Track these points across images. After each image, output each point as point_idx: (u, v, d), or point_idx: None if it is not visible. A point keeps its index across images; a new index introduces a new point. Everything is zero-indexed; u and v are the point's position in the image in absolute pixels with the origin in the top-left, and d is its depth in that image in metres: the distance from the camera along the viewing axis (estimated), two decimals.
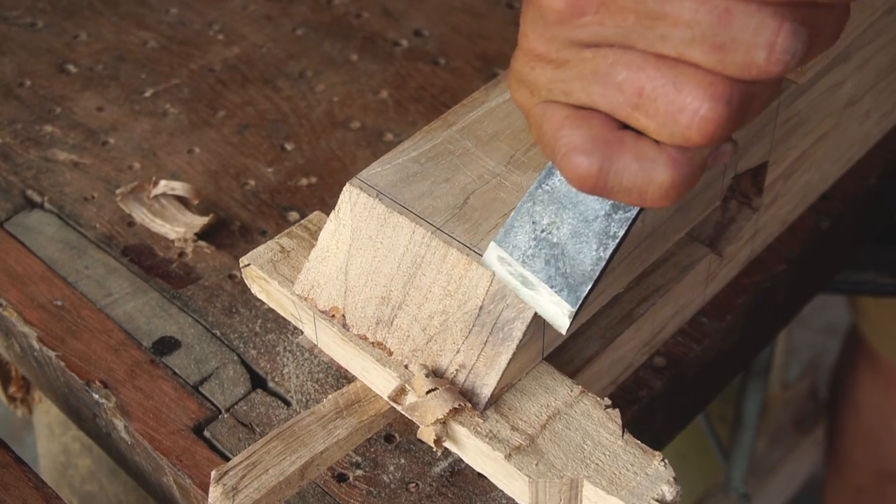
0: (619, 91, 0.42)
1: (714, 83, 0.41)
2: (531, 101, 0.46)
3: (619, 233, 0.48)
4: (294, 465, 0.54)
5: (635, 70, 0.42)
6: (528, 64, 0.45)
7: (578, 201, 0.49)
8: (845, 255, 0.84)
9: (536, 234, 0.49)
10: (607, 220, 0.48)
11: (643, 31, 0.41)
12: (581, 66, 0.43)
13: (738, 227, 0.66)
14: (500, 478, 0.52)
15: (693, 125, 0.41)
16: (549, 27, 0.43)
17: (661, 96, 0.41)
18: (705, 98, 0.41)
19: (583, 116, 0.44)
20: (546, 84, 0.44)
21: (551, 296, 0.49)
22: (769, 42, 0.39)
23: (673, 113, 0.41)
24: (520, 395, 0.53)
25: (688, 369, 0.66)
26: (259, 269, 0.59)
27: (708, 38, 0.40)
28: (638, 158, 0.43)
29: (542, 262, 0.49)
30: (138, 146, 0.81)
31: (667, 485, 0.49)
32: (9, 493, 0.60)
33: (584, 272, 0.49)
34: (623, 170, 0.44)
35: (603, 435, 0.51)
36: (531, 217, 0.50)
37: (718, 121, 0.41)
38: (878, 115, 0.75)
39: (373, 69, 0.87)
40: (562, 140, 0.44)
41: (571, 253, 0.49)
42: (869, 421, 1.34)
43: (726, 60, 0.40)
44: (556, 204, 0.49)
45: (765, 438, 1.60)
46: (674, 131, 0.42)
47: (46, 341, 0.67)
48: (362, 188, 0.55)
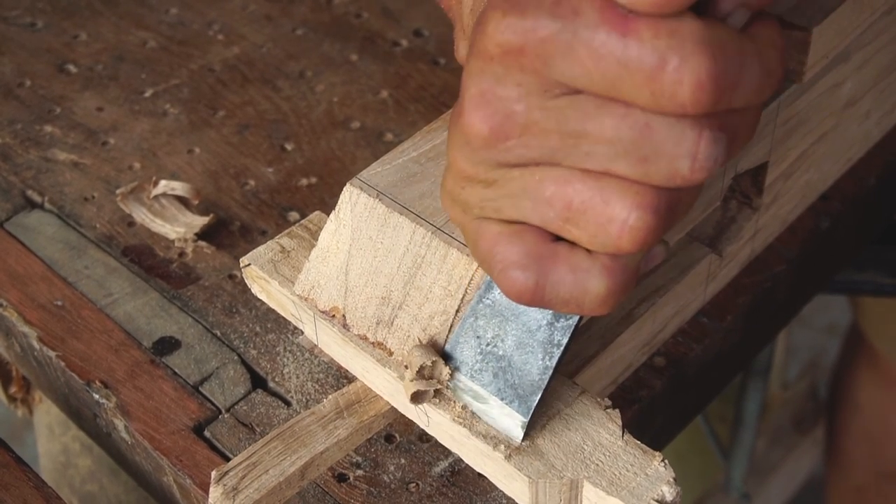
0: (549, 206, 0.43)
1: (640, 192, 0.42)
2: (465, 218, 0.47)
3: (562, 341, 0.49)
4: (294, 465, 0.54)
5: (563, 185, 0.43)
6: (459, 185, 0.46)
7: (520, 312, 0.50)
8: (845, 255, 0.84)
9: (482, 349, 0.50)
10: (550, 329, 0.49)
11: (568, 149, 0.42)
12: (510, 184, 0.44)
13: (739, 226, 0.67)
14: (500, 478, 0.52)
15: (623, 235, 0.42)
16: (476, 151, 0.44)
17: (590, 209, 0.42)
18: (633, 208, 0.42)
19: (516, 232, 0.45)
20: (477, 203, 0.45)
21: (502, 408, 0.50)
22: (691, 152, 0.41)
23: (603, 224, 0.42)
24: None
25: (688, 369, 0.66)
26: (259, 269, 0.59)
27: (631, 152, 0.41)
28: (572, 270, 0.44)
29: (490, 375, 0.50)
30: (138, 146, 0.81)
31: (667, 485, 0.49)
32: (9, 493, 0.60)
33: (533, 382, 0.50)
34: (559, 282, 0.45)
35: (603, 435, 0.51)
36: (475, 332, 0.51)
37: (647, 228, 0.42)
38: (878, 115, 0.75)
39: (373, 69, 0.87)
40: (497, 256, 0.45)
41: (518, 364, 0.50)
42: (869, 420, 1.34)
43: (651, 171, 0.41)
44: (499, 317, 0.50)
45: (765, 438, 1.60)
46: (605, 241, 0.43)
47: (47, 341, 0.67)
48: (362, 188, 0.55)
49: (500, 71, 0.42)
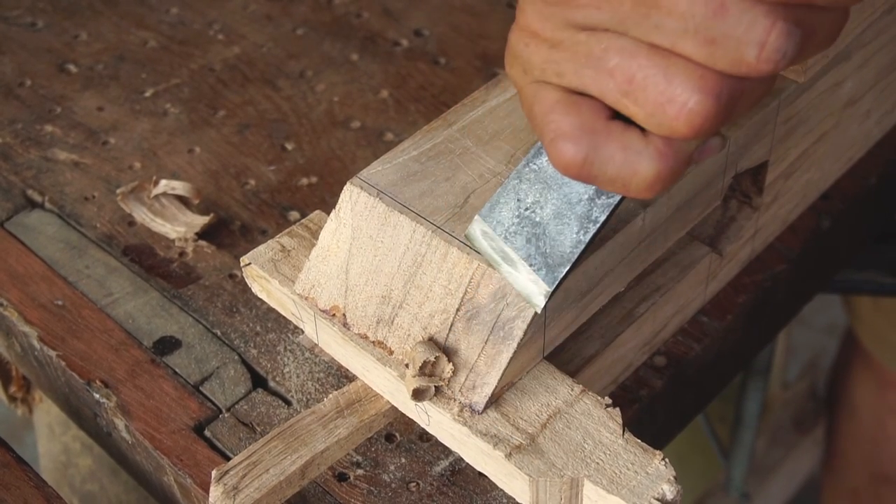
0: (611, 77, 0.42)
1: (704, 76, 0.41)
2: (524, 78, 0.46)
3: (600, 217, 0.49)
4: (295, 464, 0.54)
5: (627, 57, 0.42)
6: (523, 40, 0.45)
7: (564, 183, 0.49)
8: (845, 254, 0.84)
9: (520, 212, 0.50)
10: (590, 204, 0.49)
11: (638, 18, 0.41)
12: (575, 48, 0.43)
13: (739, 226, 0.67)
14: (501, 477, 0.52)
15: (681, 117, 0.41)
16: (547, 6, 0.43)
17: (651, 85, 0.42)
18: (694, 90, 0.41)
19: (573, 102, 0.44)
20: (539, 63, 0.45)
21: (529, 273, 0.50)
22: (760, 40, 0.40)
23: (662, 103, 0.42)
24: (520, 394, 0.53)
25: (688, 369, 0.66)
26: (260, 269, 0.59)
27: (701, 30, 0.40)
28: (624, 149, 0.44)
29: (523, 239, 0.50)
30: (138, 146, 0.81)
31: (667, 484, 0.49)
32: (9, 493, 0.60)
33: (564, 254, 0.49)
34: (608, 160, 0.44)
35: (603, 434, 0.51)
36: (517, 194, 0.50)
37: (706, 114, 0.41)
38: (879, 114, 0.76)
39: (373, 69, 0.87)
40: (550, 125, 0.44)
41: (553, 233, 0.49)
42: (864, 423, 1.34)
43: (717, 55, 0.40)
44: (542, 184, 0.49)
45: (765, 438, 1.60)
46: (661, 121, 0.42)
47: (47, 341, 0.67)
48: (363, 187, 0.55)
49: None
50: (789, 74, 0.61)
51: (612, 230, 0.54)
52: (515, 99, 0.59)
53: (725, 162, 0.59)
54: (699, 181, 0.58)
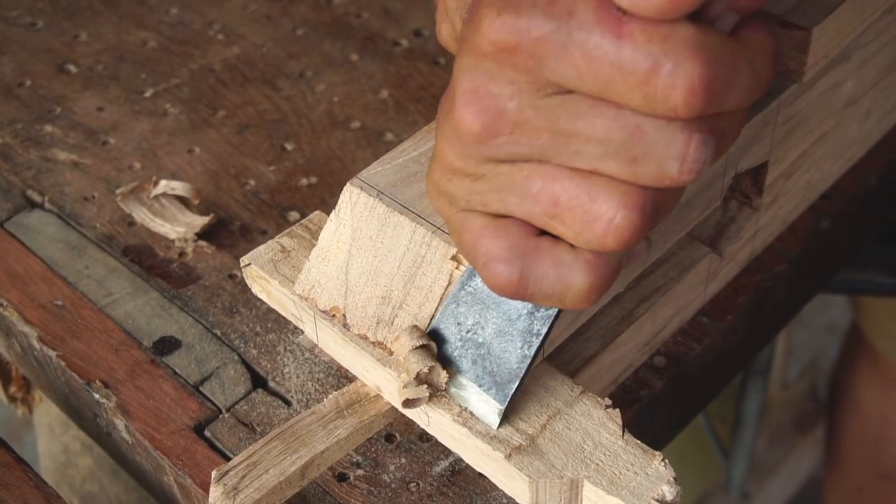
0: (536, 202, 0.44)
1: (627, 192, 0.42)
2: (450, 210, 0.47)
3: (542, 330, 0.49)
4: (294, 464, 0.54)
5: (550, 181, 0.43)
6: (446, 177, 0.46)
7: (501, 301, 0.50)
8: (846, 254, 0.84)
9: (462, 335, 0.51)
10: (530, 319, 0.50)
11: (557, 147, 0.42)
12: (497, 179, 0.44)
13: (739, 226, 0.66)
14: (501, 478, 0.52)
15: (608, 233, 0.43)
16: (466, 146, 0.44)
17: (577, 206, 0.43)
18: (619, 207, 0.42)
19: (501, 225, 0.45)
20: (464, 196, 0.46)
21: (479, 394, 0.51)
22: (681, 155, 0.41)
23: (588, 222, 0.43)
24: (520, 395, 0.53)
25: (688, 369, 0.66)
26: (260, 269, 0.59)
27: (621, 152, 0.41)
28: (556, 265, 0.45)
29: (469, 362, 0.51)
30: (138, 146, 0.81)
31: (667, 485, 0.49)
32: (10, 493, 0.60)
33: (511, 370, 0.50)
34: (542, 277, 0.45)
35: (603, 435, 0.51)
36: (456, 318, 0.51)
37: (633, 227, 0.43)
38: (879, 114, 0.75)
39: (373, 69, 0.87)
40: (481, 249, 0.46)
41: (497, 352, 0.50)
42: (868, 420, 1.34)
43: (639, 172, 0.42)
44: (480, 304, 0.50)
45: (765, 438, 1.60)
46: (590, 239, 0.43)
47: (47, 341, 0.67)
48: (363, 188, 0.55)
49: (492, 68, 0.42)
50: (789, 75, 0.61)
51: None
52: None
53: (725, 162, 0.59)
54: (699, 181, 0.58)
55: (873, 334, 1.26)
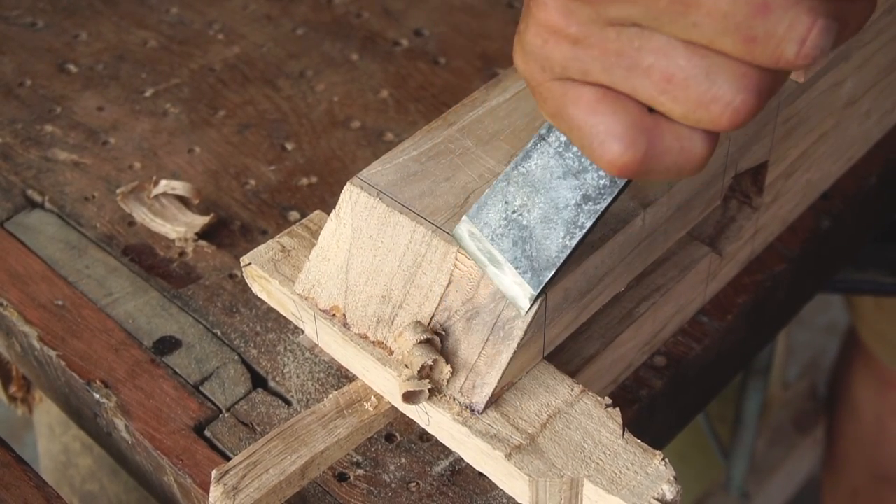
0: (646, 76, 0.41)
1: (746, 74, 0.41)
2: (542, 76, 0.44)
3: (586, 223, 0.49)
4: (294, 464, 0.54)
5: (664, 56, 0.41)
6: (542, 36, 0.43)
7: (551, 187, 0.49)
8: (845, 254, 0.84)
9: (507, 215, 0.50)
10: (577, 210, 0.49)
11: (674, 16, 0.40)
12: (604, 45, 0.42)
13: (739, 226, 0.67)
14: (501, 477, 0.52)
15: (725, 115, 0.41)
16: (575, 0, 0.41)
17: (693, 85, 0.41)
18: (739, 90, 0.41)
19: (616, 101, 0.43)
20: (561, 60, 0.43)
21: (515, 276, 0.50)
22: (801, 37, 0.39)
23: (705, 102, 0.41)
24: (520, 394, 0.53)
25: (688, 369, 0.66)
26: (260, 269, 0.59)
27: (742, 29, 0.39)
28: (678, 139, 0.43)
29: (510, 242, 0.50)
30: (139, 146, 0.81)
31: (667, 484, 0.49)
32: (10, 493, 0.60)
33: (549, 258, 0.49)
34: (665, 152, 0.43)
35: (603, 434, 0.51)
36: (504, 197, 0.50)
37: (750, 111, 0.41)
38: (879, 114, 0.76)
39: (373, 69, 0.87)
40: (599, 126, 0.43)
41: (539, 237, 0.49)
42: (865, 423, 1.34)
43: (757, 52, 0.40)
44: (530, 187, 0.49)
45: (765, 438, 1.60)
46: (702, 118, 0.42)
47: (47, 341, 0.67)
48: (363, 187, 0.55)
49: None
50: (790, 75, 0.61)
51: (612, 230, 0.54)
52: (515, 99, 0.59)
53: (725, 162, 0.59)
54: (699, 181, 0.58)
55: (870, 341, 1.26)
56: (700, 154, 0.43)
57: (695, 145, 0.43)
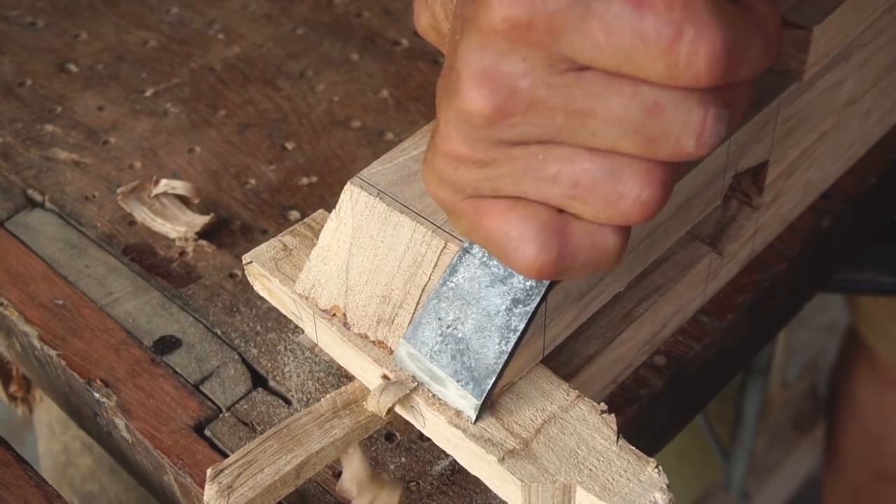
0: (554, 183, 0.43)
1: (649, 169, 0.42)
2: (455, 198, 0.46)
3: (519, 326, 0.49)
4: (290, 464, 0.54)
5: (569, 163, 0.43)
6: (451, 165, 0.45)
7: (481, 297, 0.50)
8: (846, 253, 0.84)
9: (443, 331, 0.51)
10: (508, 315, 0.50)
11: (573, 128, 0.42)
12: (510, 163, 0.43)
13: (739, 225, 0.67)
14: (494, 481, 0.52)
15: (634, 209, 0.43)
16: (475, 130, 0.43)
17: (600, 186, 0.43)
18: (645, 184, 0.42)
19: (525, 207, 0.44)
20: (472, 182, 0.45)
21: (458, 389, 0.51)
22: (697, 130, 0.41)
23: (613, 201, 0.43)
24: (515, 398, 0.53)
25: (688, 368, 0.66)
26: (261, 267, 0.59)
27: (639, 131, 0.41)
28: (588, 235, 0.44)
29: (448, 357, 0.51)
30: (139, 145, 0.81)
31: (659, 492, 0.49)
32: (10, 492, 0.60)
33: (488, 366, 0.50)
34: (577, 250, 0.45)
35: (597, 440, 0.51)
36: (437, 314, 0.51)
37: (658, 202, 0.43)
38: (879, 114, 0.76)
39: (373, 68, 0.87)
40: (511, 234, 0.45)
41: (476, 347, 0.50)
42: (867, 420, 1.34)
43: (657, 149, 0.41)
44: (460, 300, 0.50)
45: (765, 438, 1.60)
46: (613, 216, 0.43)
47: (47, 340, 0.67)
48: (363, 187, 0.55)
49: (503, 46, 0.41)
50: (789, 74, 0.61)
51: None
52: None
53: (726, 161, 0.59)
54: (699, 181, 0.58)
55: (872, 338, 1.26)
56: (613, 247, 0.45)
57: (606, 240, 0.45)
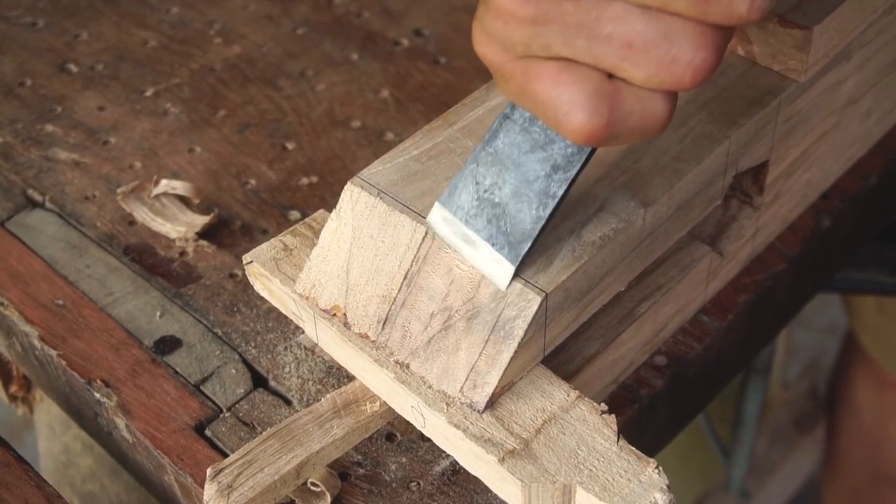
0: (607, 44, 0.43)
1: (703, 33, 0.42)
2: (504, 57, 0.45)
3: (558, 192, 0.49)
4: (290, 464, 0.54)
5: (622, 23, 0.42)
6: (502, 19, 0.44)
7: (520, 163, 0.49)
8: (846, 253, 0.84)
9: (479, 195, 0.50)
10: (547, 181, 0.49)
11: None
12: (562, 19, 0.43)
13: (739, 225, 0.67)
14: (494, 481, 0.51)
15: (687, 73, 0.43)
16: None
17: (653, 48, 0.42)
18: (698, 48, 0.42)
19: (576, 71, 0.44)
20: (522, 39, 0.44)
21: (492, 254, 0.50)
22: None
23: (667, 64, 0.43)
24: (516, 398, 0.53)
25: (688, 368, 0.66)
26: (261, 267, 0.59)
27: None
28: (639, 101, 0.44)
29: (483, 221, 0.50)
30: (139, 145, 0.81)
31: (660, 492, 0.49)
32: (10, 492, 0.60)
33: (525, 230, 0.50)
34: (628, 115, 0.44)
35: (598, 441, 0.51)
36: (475, 178, 0.50)
37: (709, 67, 0.43)
38: (879, 113, 0.76)
39: (373, 68, 0.87)
40: (561, 98, 0.44)
41: (513, 212, 0.50)
42: (865, 423, 1.34)
43: (710, 10, 0.41)
44: (499, 165, 0.50)
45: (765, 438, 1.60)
46: (664, 79, 0.43)
47: (48, 340, 0.67)
48: (363, 187, 0.55)
49: None
50: (790, 74, 0.61)
51: (613, 230, 0.53)
52: None
53: (726, 161, 0.59)
54: (700, 181, 0.58)
55: (868, 341, 1.26)
56: (662, 113, 0.45)
57: (656, 106, 0.44)
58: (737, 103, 0.60)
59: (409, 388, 0.53)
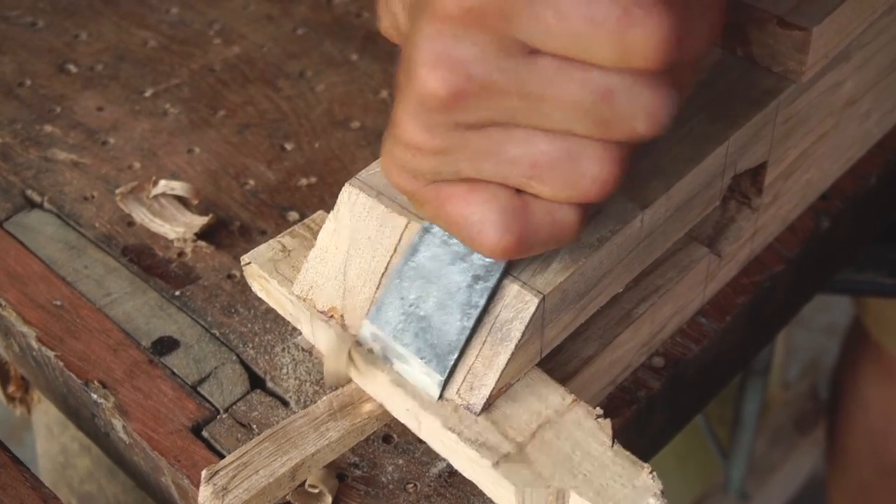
0: (512, 165, 0.44)
1: (606, 149, 0.43)
2: (416, 184, 0.47)
3: (480, 302, 0.50)
4: (285, 466, 0.54)
5: (527, 146, 0.44)
6: (409, 152, 0.46)
7: (442, 275, 0.51)
8: (845, 254, 0.84)
9: (405, 309, 0.51)
10: (469, 291, 0.50)
11: (528, 110, 0.43)
12: (468, 147, 0.44)
13: (738, 227, 0.66)
14: (488, 485, 0.51)
15: (593, 188, 0.44)
16: (432, 115, 0.44)
17: (559, 167, 0.44)
18: (603, 164, 0.44)
19: (485, 190, 0.45)
20: (432, 168, 0.46)
21: (421, 367, 0.51)
22: (649, 112, 0.42)
23: (573, 180, 0.44)
24: (511, 402, 0.53)
25: (687, 369, 0.66)
26: (259, 268, 0.59)
27: (592, 114, 0.42)
28: (549, 213, 0.46)
29: (411, 335, 0.51)
30: (138, 146, 0.81)
31: (654, 497, 0.49)
32: (6, 493, 0.60)
33: (451, 342, 0.51)
34: (539, 228, 0.46)
35: (592, 445, 0.51)
36: (399, 293, 0.52)
37: (615, 180, 0.44)
38: (879, 114, 0.75)
39: (373, 69, 0.87)
40: (473, 218, 0.46)
41: (438, 325, 0.51)
42: (873, 415, 1.33)
43: (611, 131, 0.43)
44: (422, 279, 0.51)
45: (764, 438, 1.60)
46: (572, 194, 0.44)
47: (45, 341, 0.67)
48: (362, 188, 0.55)
49: (458, 31, 0.42)
50: (789, 75, 0.61)
51: (611, 231, 0.53)
52: None
53: (725, 162, 0.59)
54: (698, 182, 0.58)
55: (878, 332, 1.26)
56: (573, 223, 0.46)
57: (566, 216, 0.46)
58: (735, 104, 0.60)
59: (405, 390, 0.53)
